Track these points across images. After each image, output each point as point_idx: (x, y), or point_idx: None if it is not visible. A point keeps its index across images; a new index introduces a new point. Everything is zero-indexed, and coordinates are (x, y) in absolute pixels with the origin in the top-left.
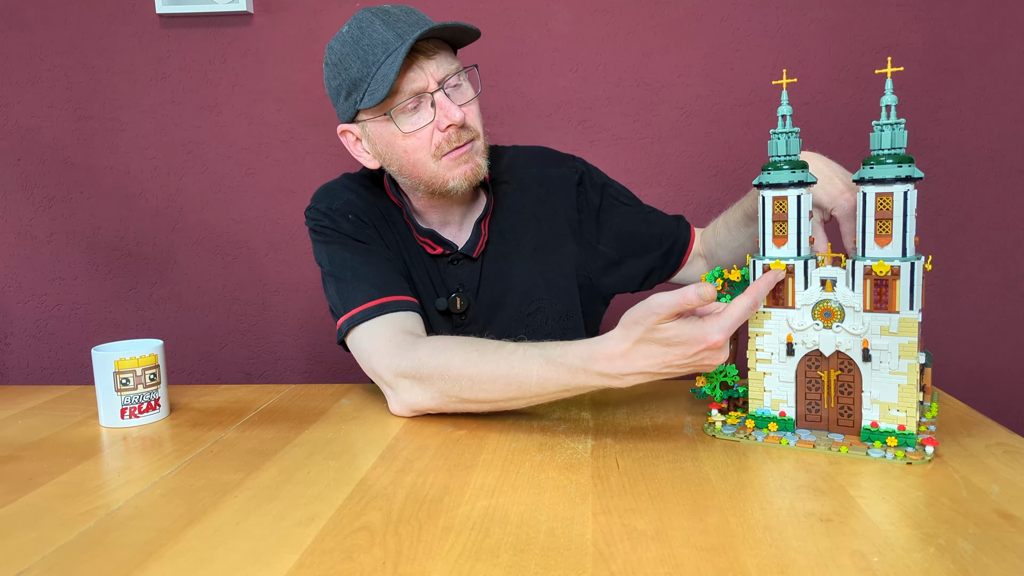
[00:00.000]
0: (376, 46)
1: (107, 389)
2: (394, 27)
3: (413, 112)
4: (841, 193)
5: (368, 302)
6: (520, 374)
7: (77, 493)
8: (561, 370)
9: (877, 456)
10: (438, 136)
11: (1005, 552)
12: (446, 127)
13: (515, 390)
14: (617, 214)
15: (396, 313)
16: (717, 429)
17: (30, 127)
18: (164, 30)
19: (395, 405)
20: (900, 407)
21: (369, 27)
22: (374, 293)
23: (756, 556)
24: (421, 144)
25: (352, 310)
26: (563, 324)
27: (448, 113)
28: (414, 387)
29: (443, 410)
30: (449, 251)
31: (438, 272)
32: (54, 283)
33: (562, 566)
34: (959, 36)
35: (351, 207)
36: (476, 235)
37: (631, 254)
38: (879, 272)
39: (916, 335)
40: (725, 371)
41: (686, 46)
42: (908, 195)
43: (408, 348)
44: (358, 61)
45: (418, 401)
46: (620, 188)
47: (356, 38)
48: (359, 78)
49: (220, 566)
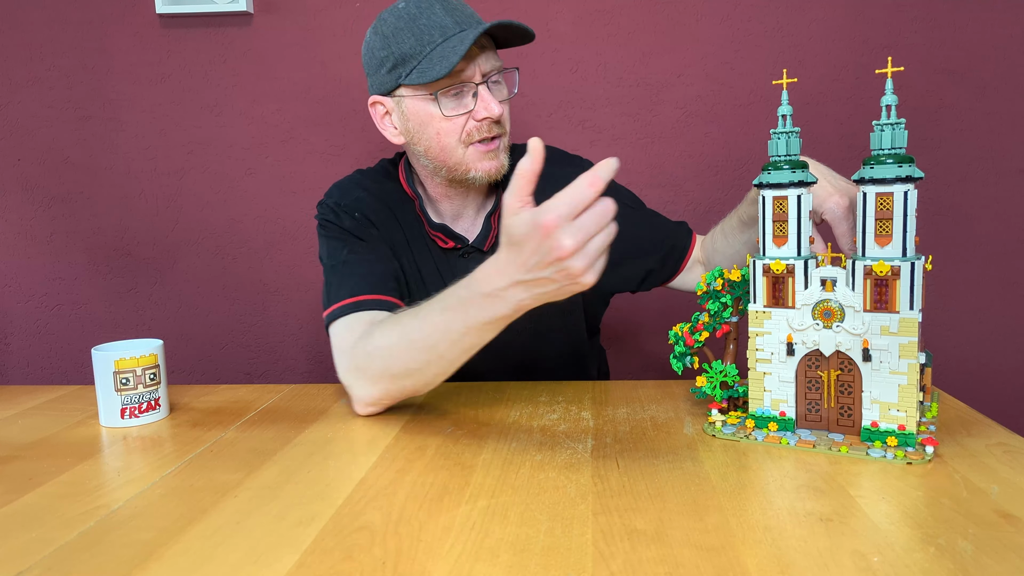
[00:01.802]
0: (434, 28)
1: (107, 389)
2: (453, 14)
3: (455, 98)
4: (830, 196)
5: (349, 298)
6: (426, 328)
7: (77, 493)
8: (456, 307)
9: (877, 456)
10: (471, 125)
11: (1005, 552)
12: (482, 118)
13: (429, 350)
14: (620, 215)
15: (371, 312)
16: (717, 429)
17: (30, 127)
18: (164, 30)
19: (354, 404)
20: (900, 407)
21: (428, 8)
22: (356, 290)
23: (756, 556)
24: (454, 129)
25: (334, 304)
26: (564, 320)
27: (488, 106)
28: (358, 380)
29: (389, 398)
30: (460, 245)
31: (449, 266)
32: (54, 283)
33: (562, 566)
34: (959, 36)
35: (360, 204)
36: (487, 229)
37: (630, 256)
38: (879, 272)
39: (916, 335)
40: (725, 371)
41: (686, 46)
42: (908, 195)
43: (356, 342)
44: (412, 38)
45: (364, 394)
46: (624, 191)
47: (414, 16)
48: (410, 54)
49: (220, 566)
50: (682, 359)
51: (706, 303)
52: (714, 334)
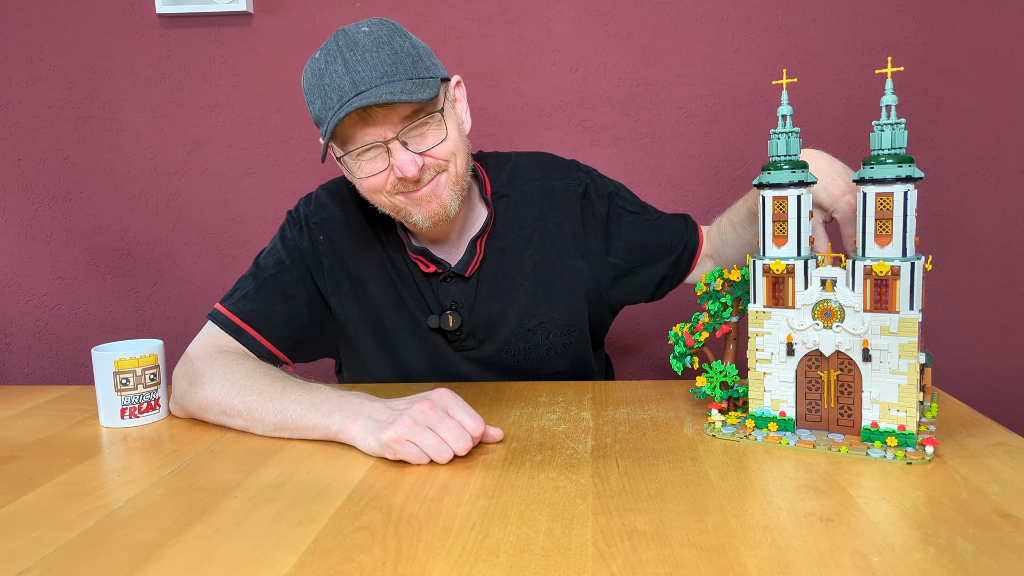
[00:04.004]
0: (332, 91)
1: (107, 389)
2: (352, 74)
3: (369, 160)
4: (843, 194)
5: (237, 318)
6: (279, 408)
7: (77, 493)
8: (300, 415)
9: (877, 456)
10: (393, 179)
11: (1005, 552)
12: (399, 178)
13: (272, 421)
14: (625, 223)
15: (242, 346)
16: (717, 429)
17: (30, 127)
18: (164, 30)
19: (171, 400)
20: (900, 407)
21: (332, 65)
22: (249, 317)
23: (756, 556)
24: (377, 185)
25: (225, 309)
26: (564, 338)
27: (401, 166)
28: (187, 390)
29: (199, 418)
30: (442, 270)
31: (431, 289)
32: (54, 283)
33: (562, 566)
34: (959, 36)
35: (330, 224)
36: (471, 253)
37: (641, 264)
38: (879, 272)
39: (916, 335)
40: (725, 371)
41: (686, 46)
42: (908, 195)
43: (210, 365)
44: (319, 100)
45: (181, 401)
46: (627, 195)
47: (320, 73)
48: (319, 116)
49: (220, 566)
50: (682, 359)
51: (706, 303)
52: (714, 334)
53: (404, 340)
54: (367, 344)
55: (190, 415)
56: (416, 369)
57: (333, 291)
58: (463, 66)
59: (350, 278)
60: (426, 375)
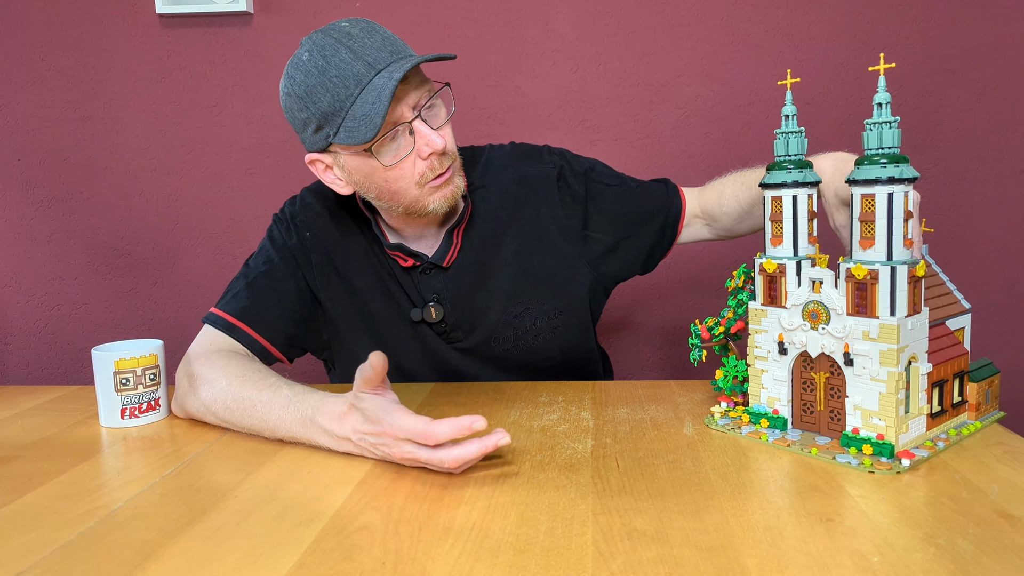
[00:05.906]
0: (346, 78)
1: (107, 389)
2: (362, 56)
3: (392, 142)
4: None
5: (232, 317)
6: (266, 410)
7: (77, 493)
8: (295, 416)
9: (843, 462)
10: (421, 165)
11: (1005, 552)
12: (427, 155)
13: (260, 423)
14: (604, 198)
15: (239, 344)
16: (714, 420)
17: (30, 127)
18: (164, 30)
19: (172, 401)
20: (881, 415)
21: (334, 56)
22: (243, 315)
23: (756, 556)
24: (403, 174)
25: (220, 311)
26: (552, 323)
27: (429, 141)
28: (187, 391)
29: (201, 419)
30: (420, 262)
31: (413, 283)
32: (54, 283)
33: (562, 566)
34: (959, 36)
35: (315, 222)
36: (447, 244)
37: (626, 236)
38: (857, 275)
39: (897, 342)
40: (738, 366)
41: (686, 46)
42: (894, 196)
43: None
44: (328, 95)
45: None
46: (603, 169)
47: (321, 68)
48: (331, 112)
49: (220, 566)
50: (697, 352)
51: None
52: (728, 330)
53: (394, 333)
54: (358, 338)
55: (191, 417)
56: (409, 362)
57: (323, 286)
58: (463, 66)
59: (338, 273)
60: (419, 367)
